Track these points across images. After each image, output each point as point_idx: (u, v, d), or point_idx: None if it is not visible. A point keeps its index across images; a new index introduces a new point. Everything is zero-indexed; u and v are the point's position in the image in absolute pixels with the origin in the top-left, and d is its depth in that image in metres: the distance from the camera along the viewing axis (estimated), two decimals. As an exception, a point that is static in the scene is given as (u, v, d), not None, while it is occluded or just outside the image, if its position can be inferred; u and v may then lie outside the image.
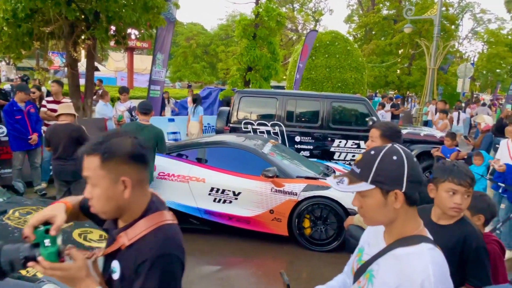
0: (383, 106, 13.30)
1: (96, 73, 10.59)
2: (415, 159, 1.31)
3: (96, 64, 11.69)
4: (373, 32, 29.15)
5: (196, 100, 9.40)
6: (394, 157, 1.27)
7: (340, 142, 7.67)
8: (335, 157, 7.65)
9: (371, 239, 1.44)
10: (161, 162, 5.35)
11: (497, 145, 5.39)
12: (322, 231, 4.92)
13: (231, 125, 7.90)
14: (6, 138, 6.03)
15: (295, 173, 5.15)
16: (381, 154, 1.28)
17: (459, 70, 19.57)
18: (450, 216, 1.93)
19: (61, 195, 4.93)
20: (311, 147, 7.74)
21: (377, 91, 27.89)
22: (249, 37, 11.59)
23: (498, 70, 30.42)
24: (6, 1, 6.97)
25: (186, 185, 5.20)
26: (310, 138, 7.75)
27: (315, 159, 6.92)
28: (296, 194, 4.90)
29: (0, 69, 25.13)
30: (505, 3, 47.15)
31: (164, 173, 5.30)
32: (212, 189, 5.13)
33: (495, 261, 2.04)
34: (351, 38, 25.60)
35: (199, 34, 37.41)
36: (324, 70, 15.91)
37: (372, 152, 1.30)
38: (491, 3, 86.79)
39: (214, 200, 5.13)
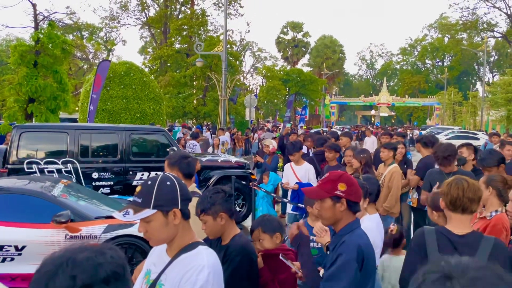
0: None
1: None
2: (182, 181, 1.59)
3: None
4: (168, 64, 30.14)
5: None
6: (168, 183, 1.53)
7: (142, 174, 7.44)
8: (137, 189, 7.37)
9: (156, 259, 1.64)
10: None
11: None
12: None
13: (9, 166, 6.67)
14: None
15: (94, 214, 4.68)
16: (157, 182, 1.52)
17: (246, 100, 22.12)
18: (224, 238, 2.24)
19: None
20: (111, 183, 7.24)
21: (177, 121, 28.72)
22: (29, 65, 10.21)
23: (275, 100, 35.76)
24: None
25: None
26: (110, 173, 7.26)
27: (116, 196, 6.50)
28: (97, 237, 4.44)
29: None
30: (276, 43, 56.35)
31: None
32: (-15, 247, 4.15)
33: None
34: (147, 69, 25.76)
35: (-39, 59, 30.94)
36: (121, 101, 15.38)
37: (149, 182, 1.53)
38: (267, 43, 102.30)
39: (-11, 261, 4.15)
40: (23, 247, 4.25)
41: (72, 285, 0.81)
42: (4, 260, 4.21)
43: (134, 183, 7.37)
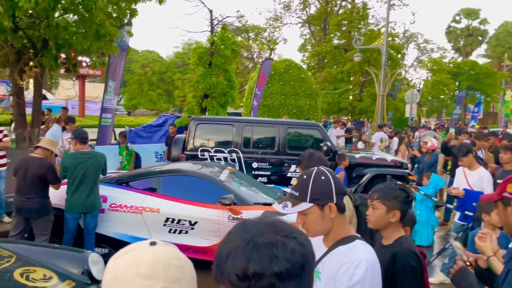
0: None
1: (45, 102, 10.17)
2: (336, 175, 1.62)
3: (44, 92, 11.24)
4: (326, 61, 30.35)
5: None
6: (323, 177, 1.56)
7: (296, 167, 7.75)
8: (292, 182, 7.70)
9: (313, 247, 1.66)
10: (112, 193, 5.13)
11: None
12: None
13: (187, 152, 7.78)
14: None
15: (252, 200, 5.10)
16: (313, 176, 1.56)
17: (407, 96, 20.68)
18: (386, 235, 2.08)
19: (17, 231, 4.55)
20: (269, 173, 7.76)
21: (331, 116, 28.78)
22: (205, 65, 11.65)
23: (442, 96, 32.44)
24: None
25: (140, 217, 5.00)
26: (267, 164, 7.78)
27: (272, 185, 6.93)
28: (254, 221, 4.83)
29: None
30: (446, 33, 50.97)
31: (115, 204, 5.07)
32: (167, 219, 4.96)
33: None
34: (305, 66, 26.47)
35: (154, 62, 37.19)
36: (279, 97, 16.24)
37: (305, 177, 1.58)
38: (434, 34, 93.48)
39: (170, 231, 4.95)
40: (195, 223, 4.92)
41: (246, 267, 0.81)
42: (180, 232, 4.95)
43: (289, 174, 7.73)
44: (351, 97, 26.84)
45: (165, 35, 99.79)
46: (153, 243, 0.87)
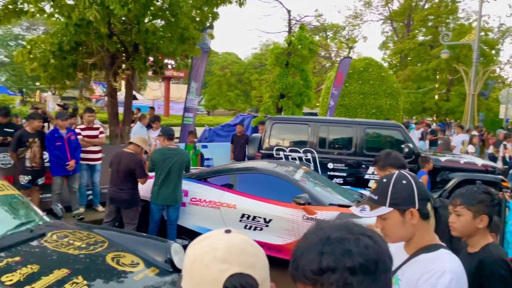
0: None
1: (134, 102, 11.00)
2: (419, 180, 1.54)
3: (134, 93, 12.17)
4: (409, 58, 28.86)
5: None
6: (404, 181, 1.50)
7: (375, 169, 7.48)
8: (370, 184, 7.44)
9: (393, 254, 1.57)
10: (193, 188, 5.41)
11: None
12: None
13: (263, 151, 7.91)
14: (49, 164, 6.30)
15: (327, 201, 5.03)
16: (393, 180, 1.51)
17: (501, 95, 18.86)
18: (473, 243, 1.95)
19: (109, 219, 5.03)
20: (345, 174, 7.58)
21: (414, 117, 27.25)
22: (282, 65, 11.74)
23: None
24: (53, 35, 7.47)
25: (218, 211, 5.20)
26: (344, 165, 7.61)
27: (348, 187, 6.76)
28: (329, 222, 4.76)
29: (46, 99, 26.65)
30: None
31: (195, 198, 5.33)
32: (243, 215, 5.09)
33: None
34: (386, 64, 25.41)
35: (233, 63, 38.34)
36: (358, 96, 15.78)
37: (385, 180, 1.54)
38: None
39: (245, 227, 5.08)
40: (270, 220, 4.99)
41: (319, 261, 0.82)
42: (255, 228, 5.06)
43: (366, 176, 7.48)
44: (436, 97, 25.16)
45: (244, 37, 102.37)
46: (228, 231, 0.92)
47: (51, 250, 3.07)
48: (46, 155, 6.11)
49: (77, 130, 6.59)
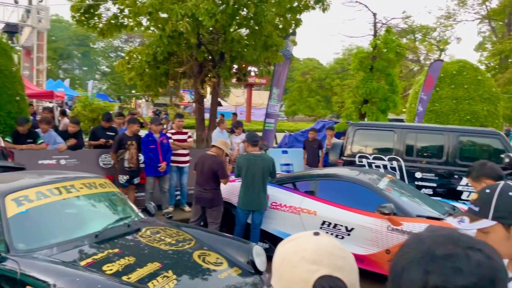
0: None
1: (219, 108, 11.49)
2: None
3: (219, 99, 12.71)
4: (509, 60, 26.16)
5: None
6: (510, 193, 1.38)
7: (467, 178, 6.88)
8: (463, 197, 6.85)
9: None
10: (274, 192, 5.46)
11: None
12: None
13: (345, 158, 7.72)
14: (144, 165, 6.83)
15: (415, 212, 4.75)
16: (498, 191, 1.39)
17: None
18: None
19: (195, 218, 5.32)
20: (435, 184, 7.09)
21: (516, 124, 24.58)
22: (366, 70, 11.39)
23: None
24: (148, 46, 8.12)
25: (298, 217, 5.19)
26: (433, 174, 7.12)
27: (439, 198, 6.31)
28: (416, 235, 4.49)
29: (140, 105, 28.99)
30: None
31: (276, 203, 5.38)
32: (323, 222, 5.02)
33: None
34: (482, 67, 23.34)
35: (314, 69, 38.14)
36: (450, 101, 14.68)
37: (488, 191, 1.42)
38: None
39: (326, 235, 4.99)
40: (351, 229, 4.85)
41: (425, 280, 0.73)
42: (336, 236, 4.94)
43: (459, 188, 6.91)
44: (544, 102, 22.43)
45: (326, 42, 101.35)
46: (316, 233, 0.93)
47: (144, 244, 3.33)
48: (141, 157, 6.64)
49: (168, 134, 7.05)
